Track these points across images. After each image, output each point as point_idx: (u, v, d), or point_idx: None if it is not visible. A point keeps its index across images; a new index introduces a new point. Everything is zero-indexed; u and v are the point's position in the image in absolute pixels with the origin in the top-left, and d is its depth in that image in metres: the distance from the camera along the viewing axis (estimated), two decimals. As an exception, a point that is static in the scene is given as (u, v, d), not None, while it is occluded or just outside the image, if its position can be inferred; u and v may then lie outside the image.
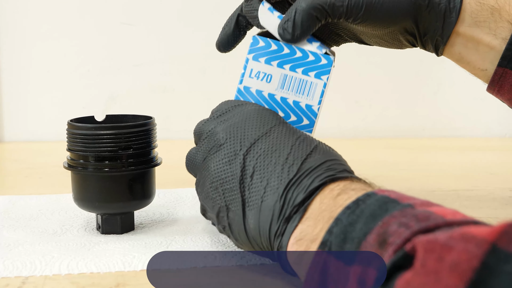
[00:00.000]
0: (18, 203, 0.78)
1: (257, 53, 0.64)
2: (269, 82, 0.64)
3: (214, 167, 0.57)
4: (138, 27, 1.23)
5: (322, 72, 0.63)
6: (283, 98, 0.64)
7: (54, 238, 0.65)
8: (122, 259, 0.59)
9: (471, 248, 0.34)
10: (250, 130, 0.57)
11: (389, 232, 0.40)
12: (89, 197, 0.65)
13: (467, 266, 0.33)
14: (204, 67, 1.25)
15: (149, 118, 0.68)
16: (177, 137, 1.25)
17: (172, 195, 0.81)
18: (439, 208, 0.42)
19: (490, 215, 0.74)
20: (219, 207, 0.56)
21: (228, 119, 0.60)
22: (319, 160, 0.54)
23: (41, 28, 1.22)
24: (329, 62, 0.63)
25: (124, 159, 0.65)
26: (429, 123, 1.29)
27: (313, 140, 0.57)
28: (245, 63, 0.64)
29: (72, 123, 0.66)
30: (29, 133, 1.24)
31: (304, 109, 0.64)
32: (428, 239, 0.36)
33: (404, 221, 0.40)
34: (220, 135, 0.58)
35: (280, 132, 0.57)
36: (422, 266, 0.35)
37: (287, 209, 0.52)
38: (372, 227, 0.42)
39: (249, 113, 0.59)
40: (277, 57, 0.64)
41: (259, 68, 0.64)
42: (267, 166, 0.55)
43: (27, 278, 0.56)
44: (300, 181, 0.53)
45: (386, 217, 0.42)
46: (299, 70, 0.63)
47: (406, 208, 0.42)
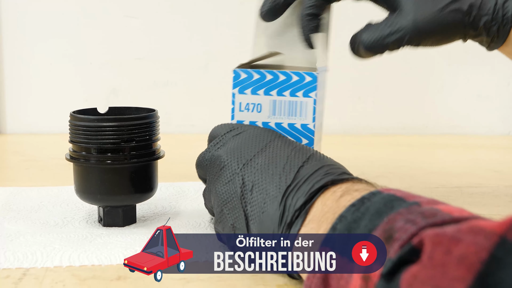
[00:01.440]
0: (19, 195, 0.78)
1: (241, 86, 0.64)
2: (260, 111, 0.64)
3: (218, 190, 0.58)
4: (141, 20, 1.23)
5: (309, 90, 0.64)
6: (278, 123, 0.64)
7: (56, 230, 0.65)
8: (124, 252, 0.59)
9: (479, 240, 0.33)
10: (247, 149, 0.58)
11: (395, 228, 0.40)
12: (91, 189, 0.65)
13: (476, 258, 0.33)
14: (206, 61, 1.24)
15: (152, 111, 0.68)
16: (178, 131, 1.24)
17: (174, 188, 0.81)
18: (445, 206, 0.42)
19: (493, 212, 0.74)
20: (228, 228, 0.57)
21: (226, 143, 0.61)
22: (315, 166, 0.54)
23: (44, 21, 1.21)
24: (314, 79, 0.64)
25: (127, 151, 0.65)
26: (432, 121, 1.29)
27: (309, 149, 0.57)
28: (232, 98, 0.65)
29: (75, 114, 0.66)
30: (31, 125, 1.24)
31: (300, 130, 0.64)
32: (436, 232, 0.36)
33: (410, 218, 0.40)
34: (221, 158, 0.59)
35: (276, 145, 0.58)
36: (430, 259, 0.34)
37: (288, 215, 0.51)
38: (377, 224, 0.42)
39: (246, 135, 0.60)
40: (262, 85, 0.64)
41: (247, 100, 0.64)
42: (265, 178, 0.55)
43: (28, 269, 0.56)
44: (299, 187, 0.52)
45: (392, 214, 0.41)
46: (286, 93, 0.64)
47: (412, 206, 0.42)
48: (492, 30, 0.68)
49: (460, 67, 1.28)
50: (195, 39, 1.23)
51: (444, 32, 0.67)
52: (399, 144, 1.19)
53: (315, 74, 0.64)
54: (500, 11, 0.68)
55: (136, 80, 1.24)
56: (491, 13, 0.68)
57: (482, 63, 1.28)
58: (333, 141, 1.20)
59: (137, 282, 0.54)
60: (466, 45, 0.70)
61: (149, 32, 1.23)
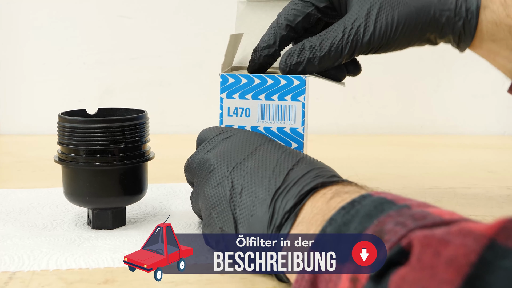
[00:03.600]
0: (9, 196, 0.77)
1: (229, 91, 0.64)
2: (249, 116, 0.64)
3: (206, 193, 0.57)
4: (135, 20, 1.22)
5: (298, 93, 0.63)
6: (266, 127, 0.64)
7: (44, 233, 0.64)
8: (112, 256, 0.58)
9: (469, 242, 0.33)
10: (236, 153, 0.58)
11: (385, 231, 0.39)
12: (80, 191, 0.64)
13: (464, 261, 0.32)
14: (201, 61, 1.24)
15: (141, 112, 0.67)
16: (172, 131, 1.24)
17: (165, 189, 0.81)
18: (436, 209, 0.41)
19: (486, 213, 0.74)
20: (216, 231, 0.56)
21: (215, 146, 0.60)
22: (305, 168, 0.53)
23: (36, 20, 1.21)
24: (302, 82, 0.63)
25: (116, 153, 0.64)
26: (428, 120, 1.28)
27: (299, 153, 0.57)
28: (220, 103, 0.64)
29: (63, 116, 0.65)
30: (23, 126, 1.23)
31: (289, 133, 0.64)
32: (425, 234, 0.35)
33: (400, 220, 0.39)
34: (210, 162, 0.59)
35: (266, 149, 0.57)
36: (418, 261, 0.34)
37: (277, 218, 0.51)
38: (367, 226, 0.41)
39: (236, 139, 0.60)
40: (249, 89, 0.64)
41: (235, 105, 0.64)
42: (255, 182, 0.54)
43: (14, 273, 0.55)
44: (288, 190, 0.52)
45: (382, 217, 0.41)
46: (275, 97, 0.63)
47: (402, 209, 0.41)
48: (457, 26, 0.64)
49: (456, 67, 1.28)
50: (189, 39, 1.23)
51: (406, 34, 0.65)
52: (394, 144, 1.18)
53: (304, 78, 0.63)
54: (463, 4, 0.64)
55: (129, 80, 1.23)
56: (453, 8, 0.64)
57: (477, 63, 1.27)
58: (328, 141, 1.19)
59: (124, 286, 0.53)
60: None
61: (142, 32, 1.22)
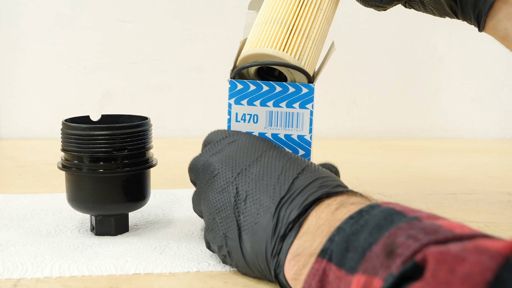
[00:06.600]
0: (11, 202, 0.77)
1: (238, 97, 0.64)
2: (257, 122, 0.64)
3: (211, 198, 0.57)
4: (135, 25, 1.22)
5: (306, 101, 0.64)
6: (274, 134, 0.64)
7: (47, 239, 0.65)
8: (115, 263, 0.58)
9: (484, 260, 0.33)
10: (241, 158, 0.58)
11: (397, 244, 0.39)
12: (83, 198, 0.65)
13: (480, 279, 0.32)
14: (201, 65, 1.24)
15: (145, 119, 0.68)
16: (172, 135, 1.24)
17: (168, 196, 0.81)
18: (446, 221, 0.41)
19: (488, 220, 0.74)
20: (219, 237, 0.56)
21: (221, 150, 0.60)
22: (310, 177, 0.53)
23: (37, 25, 1.21)
24: (311, 90, 0.63)
25: (119, 160, 0.64)
26: (427, 125, 1.29)
27: (304, 161, 0.57)
28: (229, 108, 0.64)
29: (67, 123, 0.65)
30: (24, 130, 1.23)
31: (297, 141, 0.64)
32: (440, 250, 0.35)
33: (412, 234, 0.39)
34: (214, 166, 0.58)
35: (271, 156, 0.57)
36: (433, 276, 0.34)
37: (282, 227, 0.51)
38: (377, 238, 0.41)
39: (241, 144, 0.59)
40: (258, 96, 0.64)
41: (243, 111, 0.64)
42: (259, 189, 0.54)
43: (18, 280, 0.55)
44: (293, 199, 0.52)
45: (392, 229, 0.41)
46: (283, 104, 0.64)
47: (412, 221, 0.41)
48: None
49: (455, 71, 1.28)
50: (189, 43, 1.23)
51: None
52: (394, 148, 1.19)
53: (312, 86, 0.63)
54: None
55: (129, 84, 1.23)
56: None
57: (476, 66, 1.28)
58: (328, 146, 1.19)
59: (128, 294, 0.53)
60: (460, 48, 0.71)
61: (143, 36, 1.23)
